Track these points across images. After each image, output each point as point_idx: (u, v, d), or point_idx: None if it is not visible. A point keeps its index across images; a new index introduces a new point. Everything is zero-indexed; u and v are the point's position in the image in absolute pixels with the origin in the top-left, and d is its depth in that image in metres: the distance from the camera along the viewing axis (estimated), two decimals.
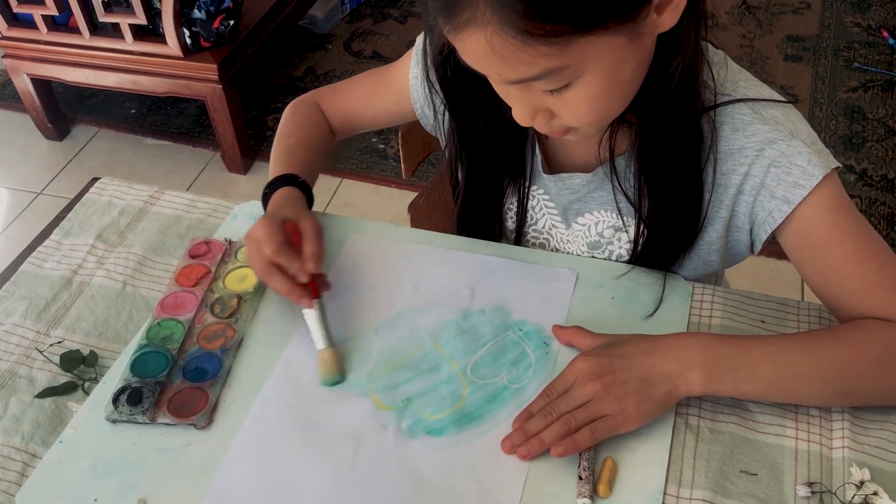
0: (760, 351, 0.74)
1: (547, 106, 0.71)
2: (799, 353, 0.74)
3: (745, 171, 0.79)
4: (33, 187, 2.37)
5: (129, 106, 2.60)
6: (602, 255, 0.92)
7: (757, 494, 0.70)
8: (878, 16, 2.75)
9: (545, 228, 0.95)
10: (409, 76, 0.96)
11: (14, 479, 0.74)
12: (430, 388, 0.79)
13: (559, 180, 0.89)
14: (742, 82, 0.81)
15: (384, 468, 0.73)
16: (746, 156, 0.79)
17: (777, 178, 0.77)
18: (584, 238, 0.92)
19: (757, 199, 0.80)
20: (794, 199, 0.77)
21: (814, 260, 0.80)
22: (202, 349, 0.83)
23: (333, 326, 0.83)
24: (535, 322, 0.84)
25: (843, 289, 0.78)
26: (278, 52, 2.73)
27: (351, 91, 1.05)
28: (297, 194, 0.92)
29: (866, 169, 2.18)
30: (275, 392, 0.80)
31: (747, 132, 0.79)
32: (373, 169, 2.30)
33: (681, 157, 0.79)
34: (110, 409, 0.78)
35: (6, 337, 0.87)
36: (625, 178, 0.84)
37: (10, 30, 2.22)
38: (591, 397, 0.73)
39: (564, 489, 0.71)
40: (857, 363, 0.74)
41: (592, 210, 0.90)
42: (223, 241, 0.95)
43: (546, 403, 0.74)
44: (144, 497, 0.72)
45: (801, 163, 0.76)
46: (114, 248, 0.97)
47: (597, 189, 0.88)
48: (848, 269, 0.77)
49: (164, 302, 0.87)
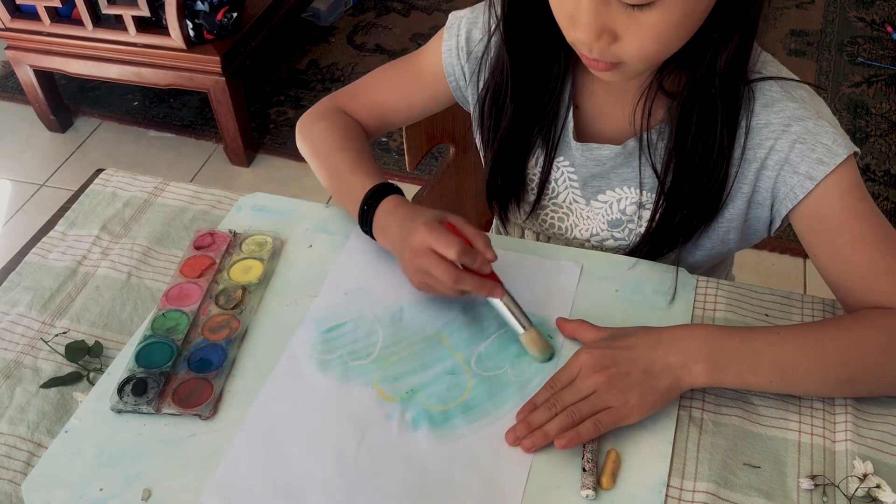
0: (764, 341, 0.74)
1: (615, 28, 0.71)
2: (802, 343, 0.74)
3: (770, 145, 0.80)
4: (36, 179, 2.37)
5: (131, 98, 2.60)
6: (621, 235, 0.92)
7: (760, 487, 0.70)
8: (883, 10, 2.74)
9: (565, 202, 0.95)
10: (441, 54, 0.95)
11: (20, 469, 0.75)
12: (434, 379, 0.79)
13: (587, 150, 0.89)
14: (770, 63, 0.83)
15: (388, 459, 0.73)
16: (773, 131, 0.80)
17: (802, 154, 0.78)
18: (605, 216, 0.92)
19: (780, 175, 0.80)
20: (817, 176, 0.77)
21: (826, 242, 0.80)
22: (207, 340, 0.83)
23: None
24: (539, 315, 0.84)
25: (851, 273, 0.79)
26: (281, 45, 2.73)
27: (376, 88, 1.01)
28: (404, 199, 0.88)
29: (869, 164, 2.18)
30: (279, 383, 0.80)
31: (776, 108, 0.80)
32: (376, 162, 2.30)
33: (716, 129, 0.80)
34: (115, 399, 0.78)
35: (11, 327, 0.87)
36: (655, 151, 0.84)
37: (13, 21, 2.22)
38: (594, 389, 0.73)
39: (568, 481, 0.71)
40: (861, 351, 0.74)
41: (614, 187, 0.90)
42: (228, 232, 0.95)
43: (550, 395, 0.74)
44: (149, 487, 0.72)
45: (826, 141, 0.77)
46: (118, 239, 0.97)
47: (622, 165, 0.88)
48: (858, 253, 0.78)
49: (168, 293, 0.88)
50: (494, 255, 0.80)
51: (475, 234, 0.80)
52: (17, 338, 0.86)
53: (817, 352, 0.74)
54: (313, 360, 0.82)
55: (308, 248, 0.94)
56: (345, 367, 0.81)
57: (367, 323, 0.85)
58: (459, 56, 0.94)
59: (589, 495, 0.69)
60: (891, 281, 0.77)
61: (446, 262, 0.78)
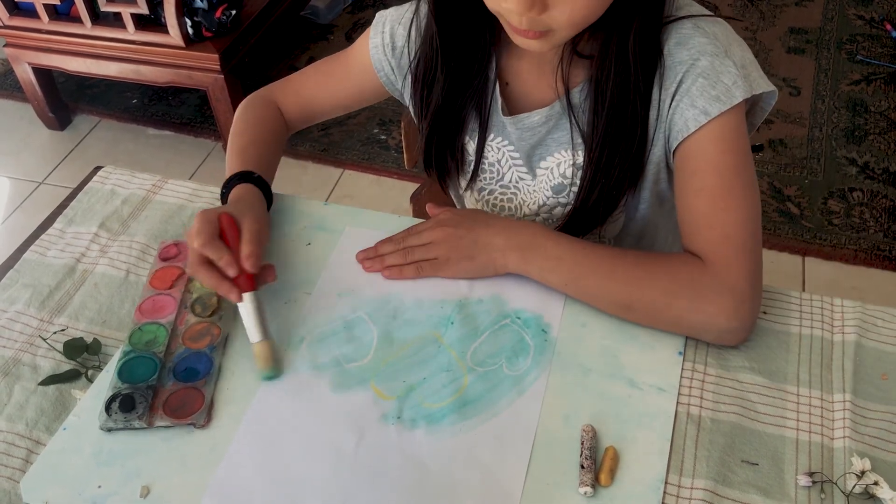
0: (570, 250, 0.84)
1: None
2: (600, 261, 0.83)
3: (680, 78, 0.82)
4: (35, 177, 2.37)
5: (130, 96, 2.60)
6: (566, 199, 0.95)
7: (758, 484, 0.70)
8: (882, 8, 2.74)
9: (512, 182, 0.98)
10: (369, 50, 0.99)
11: (18, 466, 0.75)
12: (430, 376, 0.80)
13: (518, 121, 0.92)
14: (686, 5, 0.85)
15: (386, 457, 0.73)
16: (683, 64, 0.82)
17: (702, 89, 0.81)
18: (549, 182, 0.95)
19: (679, 106, 0.82)
20: (712, 112, 0.80)
21: (685, 181, 0.84)
22: (189, 349, 0.83)
23: (313, 318, 0.83)
24: (532, 310, 0.84)
25: (689, 217, 0.84)
26: (280, 43, 2.73)
27: (305, 80, 1.06)
28: (252, 191, 0.92)
29: (868, 162, 2.18)
30: (276, 383, 0.80)
31: (689, 45, 0.82)
32: (374, 160, 2.30)
33: (635, 79, 0.82)
34: (104, 417, 0.77)
35: (10, 325, 0.87)
36: (580, 111, 0.88)
37: (11, 19, 2.22)
38: (432, 240, 0.87)
39: (566, 478, 0.71)
40: (645, 285, 0.81)
41: (553, 152, 0.93)
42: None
43: (402, 236, 0.89)
44: (148, 484, 0.72)
45: (726, 80, 0.80)
46: (117, 237, 0.97)
47: (555, 129, 0.91)
48: (699, 201, 0.83)
49: (141, 307, 0.87)
50: (250, 268, 0.81)
51: (245, 243, 0.82)
52: (15, 335, 0.86)
53: (608, 273, 0.82)
54: (307, 363, 0.81)
55: (306, 246, 0.94)
56: (340, 369, 0.81)
57: (360, 323, 0.85)
58: (386, 52, 0.98)
59: (587, 492, 0.69)
60: (710, 233, 0.81)
61: (193, 251, 0.81)
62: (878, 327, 0.82)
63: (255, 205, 0.90)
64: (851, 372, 0.78)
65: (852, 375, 0.78)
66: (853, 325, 0.82)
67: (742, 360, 0.80)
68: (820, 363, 0.79)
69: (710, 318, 0.78)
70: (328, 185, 2.25)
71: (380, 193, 2.21)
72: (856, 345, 0.80)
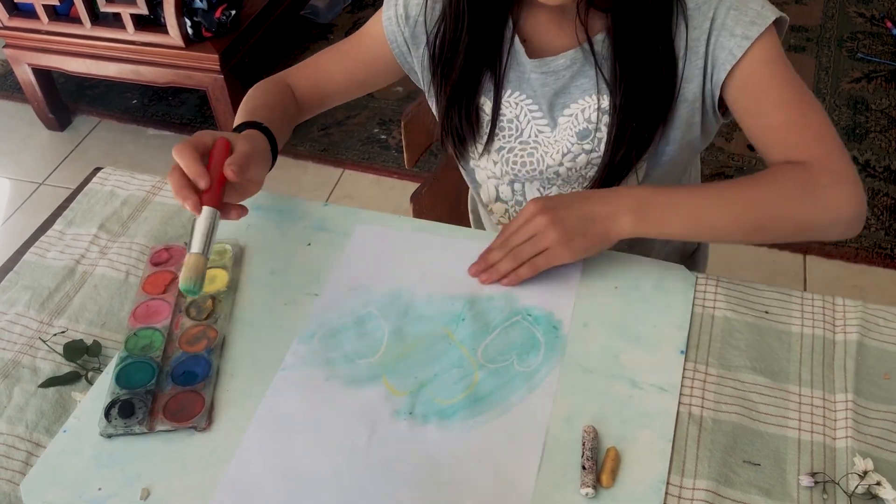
0: (684, 195, 0.84)
1: None
2: (717, 193, 0.85)
3: (711, 15, 0.85)
4: (35, 178, 2.37)
5: (130, 96, 2.60)
6: (590, 145, 0.94)
7: (760, 484, 0.70)
8: (882, 6, 2.73)
9: (531, 137, 0.98)
10: (382, 25, 1.00)
11: (18, 469, 0.75)
12: (441, 372, 0.80)
13: (544, 65, 0.92)
14: None
15: (398, 453, 0.73)
16: (710, 2, 0.85)
17: (735, 18, 0.84)
18: (573, 128, 0.95)
19: (718, 40, 0.85)
20: (752, 35, 0.83)
21: (753, 106, 0.87)
22: (186, 353, 0.82)
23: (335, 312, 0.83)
24: (543, 307, 0.84)
25: (771, 133, 0.87)
26: (280, 43, 2.72)
27: (318, 59, 1.06)
28: (257, 133, 0.89)
29: (869, 160, 2.18)
30: (287, 380, 0.80)
31: None
32: (374, 159, 2.30)
33: (655, 22, 0.85)
34: (104, 423, 0.76)
35: (10, 327, 0.87)
36: (603, 57, 0.89)
37: (11, 20, 2.22)
38: (537, 231, 0.83)
39: (568, 479, 0.71)
40: (767, 198, 0.83)
41: (577, 99, 0.93)
42: (183, 245, 0.94)
43: (503, 239, 0.86)
44: (148, 486, 0.72)
45: (754, 6, 0.85)
46: (116, 238, 0.97)
47: (578, 74, 0.92)
48: (778, 115, 0.86)
49: (135, 312, 0.86)
50: (231, 175, 0.78)
51: (235, 154, 0.80)
52: (15, 337, 0.86)
53: (729, 200, 0.83)
54: (318, 359, 0.81)
55: (306, 247, 0.93)
56: (351, 365, 0.81)
57: (371, 319, 0.85)
58: (399, 23, 0.98)
59: (588, 493, 0.69)
60: (802, 137, 0.85)
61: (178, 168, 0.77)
62: (880, 326, 0.82)
63: (256, 139, 0.87)
64: (853, 371, 0.78)
65: (854, 375, 0.77)
66: (855, 325, 0.82)
67: (743, 359, 0.80)
68: (822, 363, 0.79)
69: (838, 210, 0.82)
70: (328, 185, 2.25)
71: (380, 193, 2.21)
72: (858, 344, 0.80)
